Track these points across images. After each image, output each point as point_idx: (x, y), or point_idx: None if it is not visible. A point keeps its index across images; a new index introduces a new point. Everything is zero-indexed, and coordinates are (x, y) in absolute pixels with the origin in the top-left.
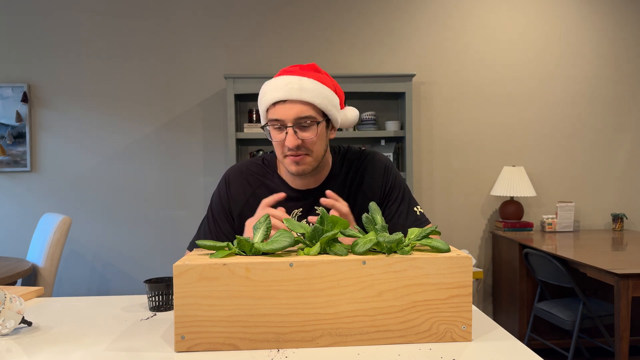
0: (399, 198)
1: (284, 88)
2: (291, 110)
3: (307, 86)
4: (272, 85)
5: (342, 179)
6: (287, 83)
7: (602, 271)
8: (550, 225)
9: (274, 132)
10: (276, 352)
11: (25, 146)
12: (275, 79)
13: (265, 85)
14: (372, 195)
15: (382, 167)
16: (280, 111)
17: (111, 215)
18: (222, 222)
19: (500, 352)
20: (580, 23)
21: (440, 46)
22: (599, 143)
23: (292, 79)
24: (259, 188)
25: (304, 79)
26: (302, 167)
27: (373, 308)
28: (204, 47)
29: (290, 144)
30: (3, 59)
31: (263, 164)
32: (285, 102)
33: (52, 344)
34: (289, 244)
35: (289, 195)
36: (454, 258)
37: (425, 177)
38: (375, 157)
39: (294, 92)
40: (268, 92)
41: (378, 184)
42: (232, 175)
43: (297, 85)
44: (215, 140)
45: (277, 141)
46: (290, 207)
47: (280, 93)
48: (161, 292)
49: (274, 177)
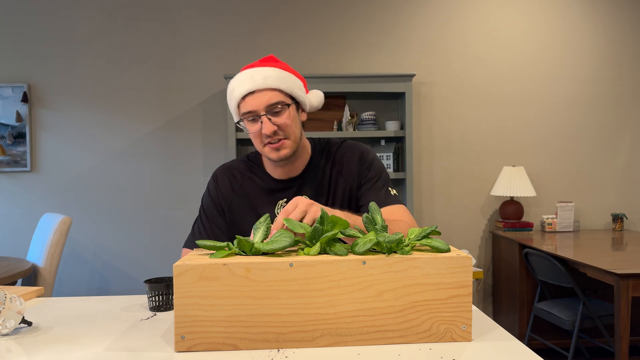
0: (374, 179)
1: (249, 80)
2: (261, 99)
3: (270, 74)
4: (237, 81)
5: (322, 167)
6: (251, 75)
7: (602, 271)
8: (550, 225)
9: (249, 124)
10: (276, 352)
11: (25, 146)
12: (239, 75)
13: (230, 84)
14: (351, 180)
15: (359, 153)
16: (251, 102)
17: (111, 215)
18: (215, 218)
19: (500, 352)
20: (580, 23)
21: (440, 46)
22: (599, 143)
23: (255, 70)
24: (245, 182)
25: (266, 69)
26: (283, 151)
27: (373, 308)
28: (204, 47)
29: (267, 131)
30: (3, 59)
31: (248, 160)
32: (253, 93)
33: (52, 344)
34: (289, 244)
35: (273, 187)
36: (454, 258)
37: (425, 177)
38: (354, 145)
39: (260, 82)
40: (235, 88)
41: (355, 169)
42: (220, 173)
43: (260, 75)
44: (215, 140)
45: (253, 133)
46: (276, 199)
47: (247, 86)
48: (161, 292)
49: (259, 171)
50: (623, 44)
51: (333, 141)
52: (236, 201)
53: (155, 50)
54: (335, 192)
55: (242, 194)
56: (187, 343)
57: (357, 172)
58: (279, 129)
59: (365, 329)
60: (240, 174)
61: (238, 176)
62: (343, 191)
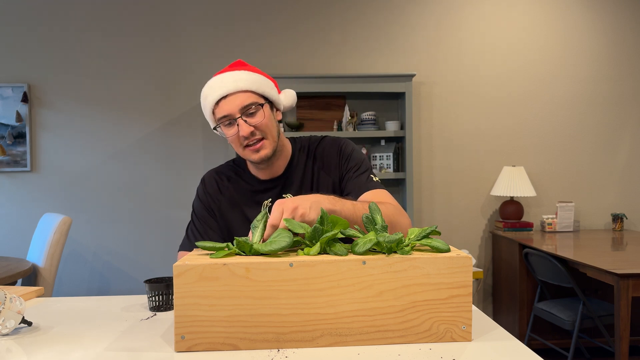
0: (355, 167)
1: (220, 85)
2: (234, 102)
3: (241, 77)
4: (209, 88)
5: (304, 165)
6: (222, 80)
7: (602, 271)
8: (550, 225)
9: (226, 129)
10: (276, 352)
11: (25, 146)
12: (210, 81)
13: (202, 92)
14: (333, 175)
15: (337, 145)
16: (225, 107)
17: (111, 215)
18: (207, 220)
19: (500, 352)
20: (580, 24)
21: (440, 46)
22: (599, 143)
23: (225, 75)
24: (231, 185)
25: (236, 72)
26: (263, 152)
27: (373, 308)
28: (204, 47)
29: (244, 133)
30: (3, 59)
31: (234, 164)
32: (226, 97)
33: (52, 344)
34: (288, 244)
35: (257, 189)
36: (454, 258)
37: (425, 177)
38: (333, 139)
39: (231, 85)
40: (208, 95)
41: (335, 162)
42: (207, 178)
43: (231, 78)
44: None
45: (231, 137)
46: (261, 199)
47: (219, 91)
48: (161, 292)
49: (244, 174)
50: (623, 44)
51: (313, 138)
52: (224, 203)
53: (155, 50)
54: (318, 188)
55: (229, 196)
56: (187, 343)
57: (337, 164)
58: (256, 129)
59: (365, 329)
60: (227, 178)
61: (225, 179)
62: (327, 186)
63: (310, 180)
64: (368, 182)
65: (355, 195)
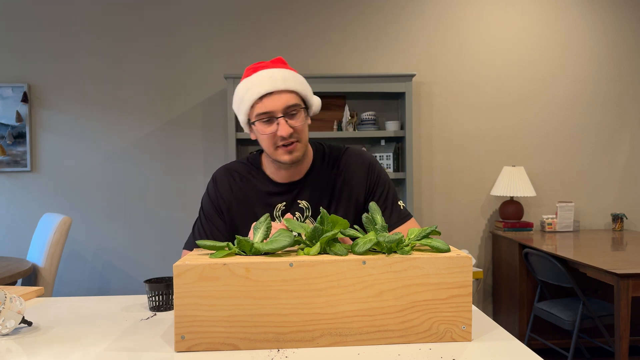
0: (384, 194)
1: (269, 81)
2: (279, 100)
3: (289, 76)
4: (256, 81)
5: (326, 174)
6: (271, 76)
7: (602, 271)
8: (550, 225)
9: (263, 126)
10: (276, 352)
11: (25, 146)
12: (257, 74)
13: (244, 83)
14: (357, 191)
15: (367, 164)
16: (269, 103)
17: (111, 215)
18: (214, 219)
19: (500, 352)
20: (580, 24)
21: (440, 46)
22: (599, 143)
23: (274, 71)
24: (244, 184)
25: (284, 70)
26: (295, 154)
27: (373, 308)
28: (204, 47)
29: (284, 133)
30: (3, 59)
31: (247, 163)
32: (272, 94)
33: (52, 344)
34: (289, 243)
35: (273, 191)
36: (454, 258)
37: (425, 177)
38: (360, 154)
39: (280, 83)
40: (252, 87)
41: (362, 180)
42: (219, 175)
43: (280, 76)
44: (215, 140)
45: (267, 134)
46: (275, 202)
47: (267, 86)
48: (161, 292)
49: (258, 174)
50: (623, 44)
51: (334, 148)
52: (235, 203)
53: (155, 50)
54: (340, 200)
55: (241, 196)
56: (187, 343)
57: (364, 183)
58: (294, 131)
59: (365, 329)
60: (240, 176)
61: (237, 178)
62: (349, 199)
63: (331, 190)
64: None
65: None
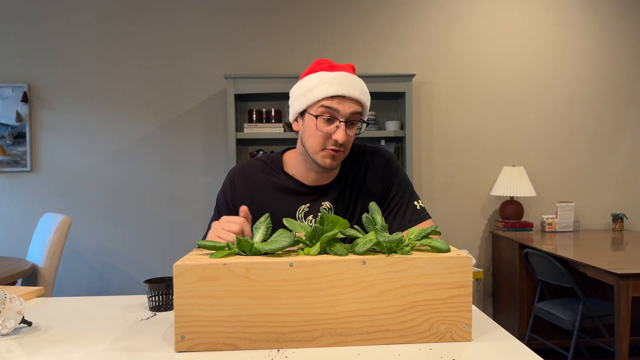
0: (400, 192)
1: (350, 84)
2: (350, 106)
3: (363, 88)
4: (336, 79)
5: (350, 176)
6: (352, 80)
7: (602, 271)
8: (550, 225)
9: (324, 123)
10: (276, 352)
11: (25, 146)
12: (336, 73)
13: (321, 75)
14: (374, 188)
15: (385, 161)
16: (339, 105)
17: (111, 215)
18: None
19: (500, 352)
20: (580, 23)
21: (440, 46)
22: (598, 143)
23: (354, 78)
24: (264, 185)
25: (362, 81)
26: (336, 162)
27: (373, 308)
28: (204, 47)
29: (341, 139)
30: (3, 59)
31: (267, 162)
32: (344, 97)
33: (52, 344)
34: (289, 244)
35: (299, 191)
36: (454, 258)
37: (425, 177)
38: (378, 151)
39: (357, 91)
40: (329, 83)
41: (379, 177)
42: (237, 174)
43: (359, 85)
44: (215, 140)
45: (323, 132)
46: (298, 202)
47: (345, 89)
48: (161, 292)
49: (280, 175)
50: (623, 45)
51: (355, 146)
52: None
53: (155, 50)
54: (356, 200)
55: (261, 198)
56: (187, 343)
57: (382, 178)
58: (347, 140)
59: (365, 329)
60: (260, 177)
61: (258, 179)
62: (364, 199)
63: (353, 190)
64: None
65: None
